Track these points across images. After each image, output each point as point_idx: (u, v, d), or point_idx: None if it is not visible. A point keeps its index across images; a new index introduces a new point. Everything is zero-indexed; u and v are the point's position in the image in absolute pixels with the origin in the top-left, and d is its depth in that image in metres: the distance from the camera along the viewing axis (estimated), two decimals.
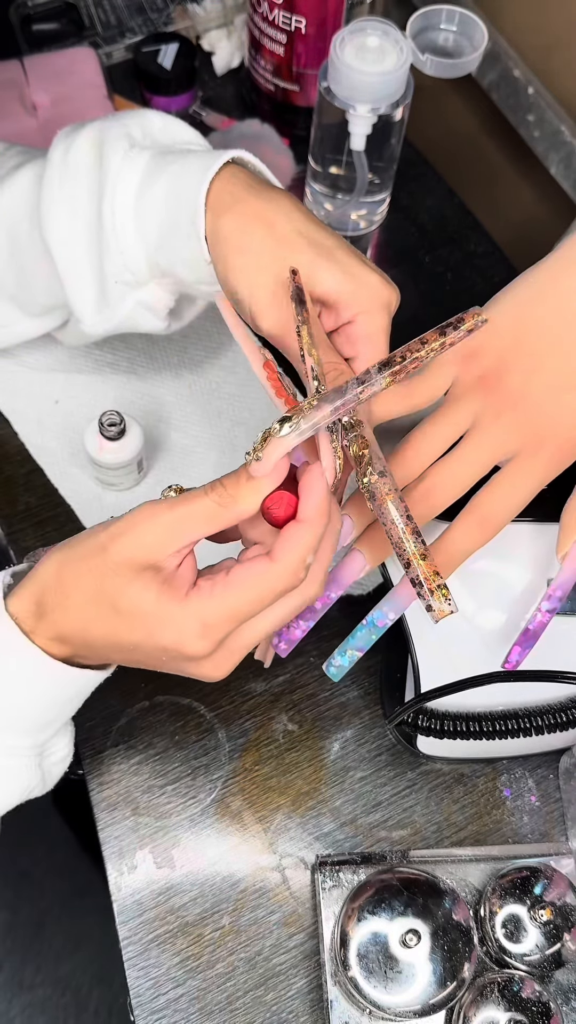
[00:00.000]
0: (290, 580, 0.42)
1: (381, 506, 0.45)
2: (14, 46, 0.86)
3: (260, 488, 0.42)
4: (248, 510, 0.42)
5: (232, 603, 0.42)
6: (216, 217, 0.51)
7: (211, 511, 0.42)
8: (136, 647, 0.44)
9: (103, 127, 0.56)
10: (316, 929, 0.57)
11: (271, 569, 0.42)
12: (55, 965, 0.68)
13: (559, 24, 0.76)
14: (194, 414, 0.72)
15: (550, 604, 0.50)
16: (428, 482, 0.50)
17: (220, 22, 0.87)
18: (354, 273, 0.50)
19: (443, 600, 0.43)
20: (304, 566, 0.43)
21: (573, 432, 0.50)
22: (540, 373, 0.49)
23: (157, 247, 0.55)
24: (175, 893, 0.58)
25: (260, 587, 0.42)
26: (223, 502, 0.42)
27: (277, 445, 0.41)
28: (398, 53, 0.66)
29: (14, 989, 0.66)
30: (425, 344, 0.42)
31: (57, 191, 0.56)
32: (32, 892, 0.70)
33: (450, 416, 0.50)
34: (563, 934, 0.54)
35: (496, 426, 0.49)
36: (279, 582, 0.42)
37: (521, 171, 0.86)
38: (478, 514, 0.49)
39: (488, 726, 0.54)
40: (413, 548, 0.44)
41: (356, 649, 0.49)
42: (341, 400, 0.41)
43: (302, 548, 0.42)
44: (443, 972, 0.52)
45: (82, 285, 0.57)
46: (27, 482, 0.69)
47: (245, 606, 0.42)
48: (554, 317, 0.50)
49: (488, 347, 0.50)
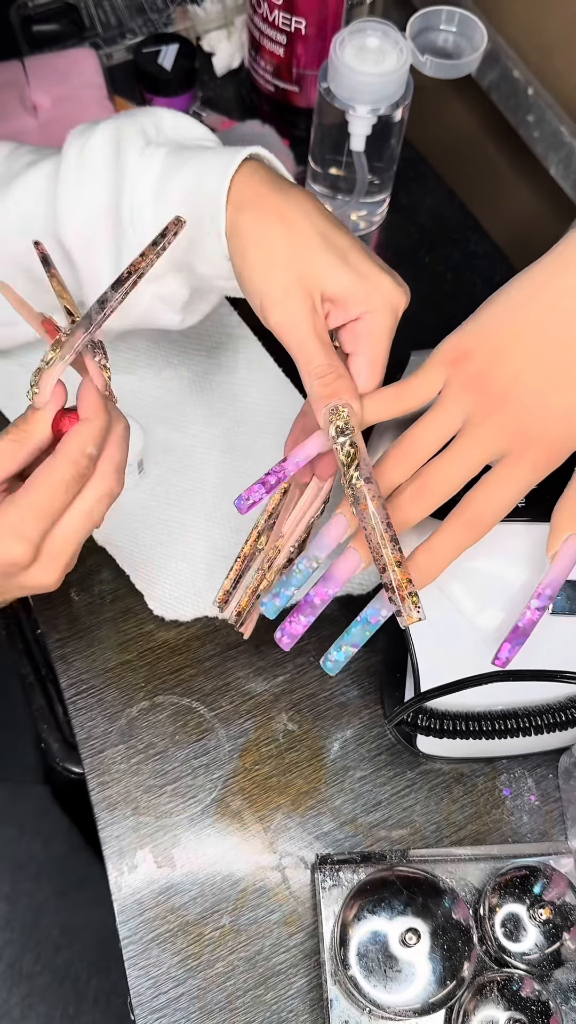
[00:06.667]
0: (72, 468, 0.47)
1: (363, 511, 0.48)
2: (15, 47, 0.86)
3: (46, 415, 0.48)
4: (42, 436, 0.48)
5: (30, 500, 0.47)
6: (236, 212, 0.52)
7: (10, 450, 0.48)
8: None
9: (118, 124, 0.57)
10: (316, 928, 0.58)
11: (53, 463, 0.47)
12: (53, 955, 0.68)
13: (559, 24, 0.76)
14: (194, 414, 0.72)
15: (540, 602, 0.51)
16: (420, 481, 0.50)
17: (220, 23, 0.88)
18: (366, 274, 0.51)
19: (413, 608, 0.47)
20: (83, 454, 0.47)
21: (562, 433, 0.50)
22: (530, 374, 0.50)
23: (176, 242, 0.56)
24: (175, 892, 0.58)
25: (49, 480, 0.47)
26: (18, 438, 0.48)
27: (48, 374, 0.48)
28: (398, 54, 0.66)
29: (13, 978, 0.66)
30: (144, 257, 0.49)
31: (74, 188, 0.56)
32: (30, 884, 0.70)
33: (441, 416, 0.51)
34: (562, 933, 0.54)
35: (486, 426, 0.50)
36: (63, 471, 0.47)
37: (521, 171, 0.87)
38: (467, 514, 0.50)
39: (488, 726, 0.54)
40: (390, 555, 0.47)
41: (351, 645, 0.50)
42: (90, 324, 0.48)
43: (79, 440, 0.48)
44: (443, 971, 0.52)
45: (100, 282, 0.58)
46: None
47: (42, 499, 0.47)
48: (546, 318, 0.50)
49: (480, 348, 0.51)
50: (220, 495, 0.69)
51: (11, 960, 0.67)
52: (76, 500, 0.49)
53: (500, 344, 0.50)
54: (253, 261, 0.52)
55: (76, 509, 0.49)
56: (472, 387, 0.50)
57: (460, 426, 0.51)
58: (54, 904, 0.71)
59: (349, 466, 0.48)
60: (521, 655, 0.53)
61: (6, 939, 0.68)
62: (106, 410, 0.49)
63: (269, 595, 0.52)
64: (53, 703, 0.65)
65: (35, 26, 0.85)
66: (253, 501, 0.50)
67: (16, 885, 0.71)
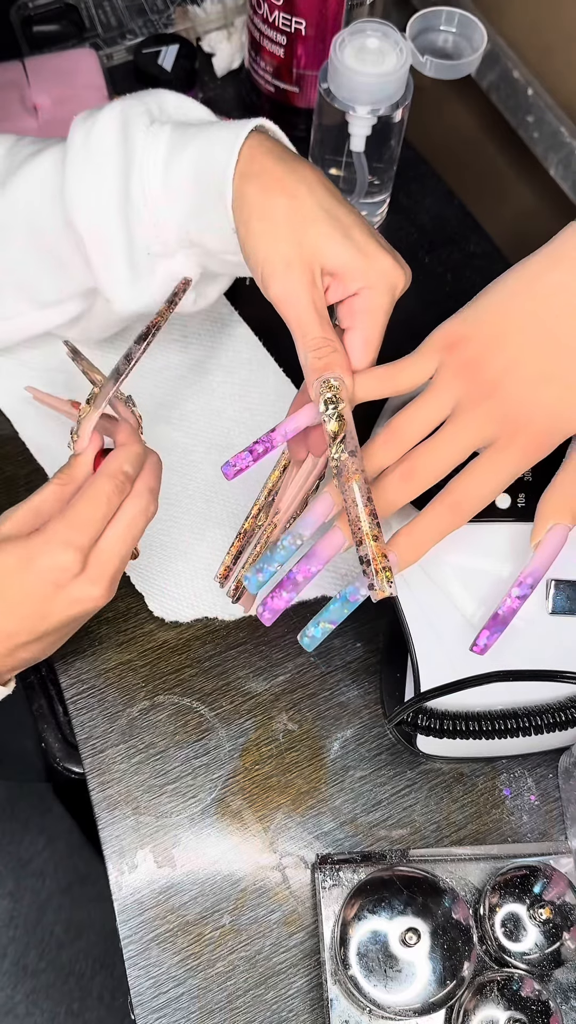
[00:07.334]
0: (110, 482, 0.52)
1: (346, 483, 0.49)
2: (15, 47, 0.86)
3: (87, 457, 0.54)
4: (84, 477, 0.54)
5: (75, 512, 0.51)
6: (243, 184, 0.53)
7: (57, 492, 0.53)
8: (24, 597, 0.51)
9: (124, 106, 0.57)
10: (316, 928, 0.58)
11: (94, 479, 0.52)
12: (57, 951, 0.68)
13: (559, 25, 0.76)
14: (194, 414, 0.72)
15: (520, 591, 0.51)
16: (408, 463, 0.51)
17: (220, 24, 0.88)
18: (367, 252, 0.52)
19: (385, 582, 0.47)
20: (120, 471, 0.53)
21: (549, 423, 0.50)
22: (520, 364, 0.50)
23: (188, 216, 0.56)
24: (175, 892, 0.58)
25: (92, 494, 0.52)
26: (63, 481, 0.53)
27: (86, 423, 0.54)
28: (398, 54, 0.66)
29: (18, 975, 0.67)
30: (160, 315, 0.56)
31: (82, 170, 0.56)
32: (34, 881, 0.71)
33: (432, 401, 0.51)
34: (562, 933, 0.54)
35: (475, 413, 0.50)
36: (103, 484, 0.52)
37: (520, 172, 0.87)
38: (451, 498, 0.51)
39: (488, 725, 0.54)
40: (367, 528, 0.48)
41: (329, 622, 0.50)
42: (119, 377, 0.54)
43: (118, 458, 0.53)
44: (443, 971, 0.52)
45: (113, 262, 0.58)
46: (28, 482, 0.69)
47: (85, 510, 0.51)
48: (540, 309, 0.50)
49: (473, 336, 0.51)
50: (220, 495, 0.69)
51: (16, 957, 0.68)
52: (117, 514, 0.52)
53: (494, 332, 0.51)
54: (256, 232, 0.52)
55: (118, 521, 0.52)
56: (464, 373, 0.51)
57: (451, 410, 0.51)
58: (57, 901, 0.71)
59: (335, 438, 0.49)
60: (522, 655, 0.54)
61: (10, 936, 0.68)
62: (140, 439, 0.54)
63: (252, 570, 0.52)
64: (53, 703, 0.65)
65: (35, 27, 0.85)
66: (240, 468, 0.51)
67: (20, 882, 0.71)
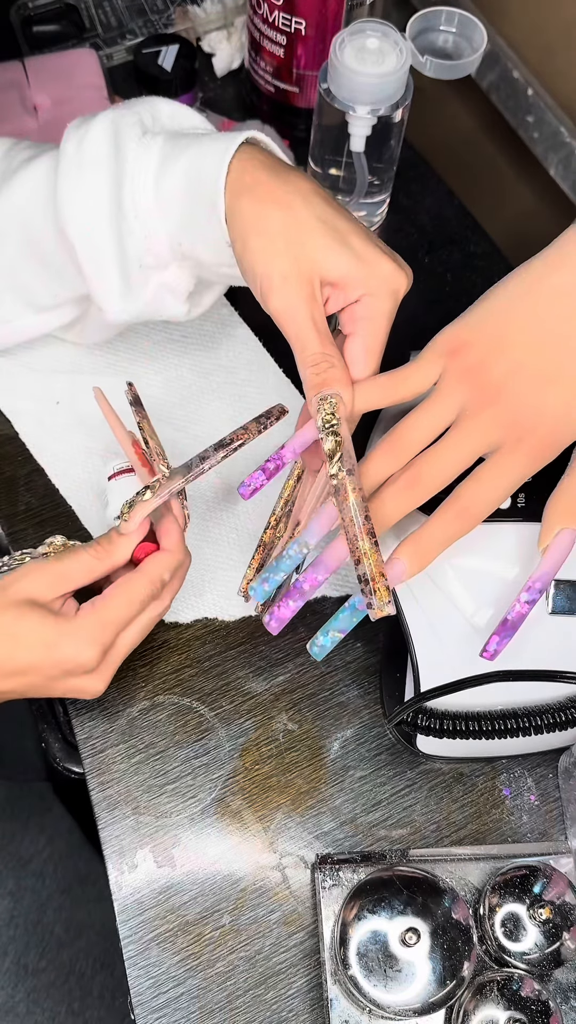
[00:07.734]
0: (150, 588, 0.53)
1: (343, 502, 0.49)
2: (15, 47, 0.86)
3: (131, 541, 0.53)
4: (121, 560, 0.53)
5: (112, 610, 0.51)
6: (235, 198, 0.52)
7: (90, 564, 0.53)
8: (30, 667, 0.51)
9: (115, 116, 0.57)
10: (316, 928, 0.58)
11: (136, 578, 0.52)
12: (58, 951, 0.69)
13: (559, 25, 0.76)
14: (194, 414, 0.72)
15: (529, 595, 0.51)
16: (412, 472, 0.50)
17: (220, 24, 0.88)
18: (366, 258, 0.52)
19: (384, 601, 0.47)
20: (160, 579, 0.53)
21: (554, 427, 0.50)
22: (524, 368, 0.50)
23: (179, 229, 0.56)
24: (175, 892, 0.58)
25: (130, 593, 0.52)
26: (99, 556, 0.53)
27: (142, 508, 0.53)
28: (398, 55, 0.66)
29: (19, 974, 0.67)
30: (247, 431, 0.56)
31: (75, 181, 0.56)
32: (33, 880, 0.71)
33: (436, 407, 0.51)
34: (562, 933, 0.54)
35: (480, 418, 0.50)
36: (143, 589, 0.52)
37: (520, 172, 0.87)
38: (459, 504, 0.50)
39: (488, 726, 0.54)
40: (366, 547, 0.48)
41: (338, 631, 0.50)
42: (189, 473, 0.54)
43: (161, 565, 0.53)
44: (443, 971, 0.52)
45: (105, 273, 0.58)
46: (28, 482, 0.69)
47: (120, 611, 0.52)
48: (544, 312, 0.50)
49: (476, 341, 0.51)
50: (220, 495, 0.69)
51: (16, 956, 0.68)
52: (139, 616, 0.53)
53: (497, 336, 0.50)
54: (253, 248, 0.52)
55: (138, 623, 0.53)
56: (468, 378, 0.50)
57: (454, 418, 0.51)
58: (58, 900, 0.71)
59: (331, 457, 0.49)
60: (522, 655, 0.54)
61: (11, 936, 0.68)
62: (185, 548, 0.55)
63: (258, 580, 0.52)
64: (53, 703, 0.65)
65: (35, 27, 0.85)
66: (254, 487, 0.52)
67: (20, 882, 0.71)
